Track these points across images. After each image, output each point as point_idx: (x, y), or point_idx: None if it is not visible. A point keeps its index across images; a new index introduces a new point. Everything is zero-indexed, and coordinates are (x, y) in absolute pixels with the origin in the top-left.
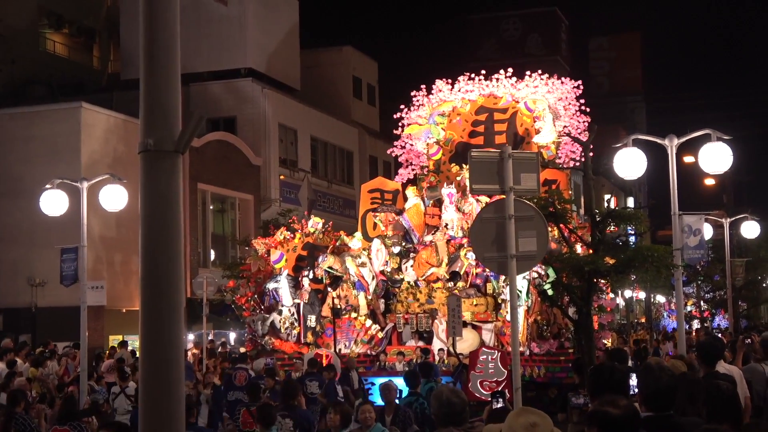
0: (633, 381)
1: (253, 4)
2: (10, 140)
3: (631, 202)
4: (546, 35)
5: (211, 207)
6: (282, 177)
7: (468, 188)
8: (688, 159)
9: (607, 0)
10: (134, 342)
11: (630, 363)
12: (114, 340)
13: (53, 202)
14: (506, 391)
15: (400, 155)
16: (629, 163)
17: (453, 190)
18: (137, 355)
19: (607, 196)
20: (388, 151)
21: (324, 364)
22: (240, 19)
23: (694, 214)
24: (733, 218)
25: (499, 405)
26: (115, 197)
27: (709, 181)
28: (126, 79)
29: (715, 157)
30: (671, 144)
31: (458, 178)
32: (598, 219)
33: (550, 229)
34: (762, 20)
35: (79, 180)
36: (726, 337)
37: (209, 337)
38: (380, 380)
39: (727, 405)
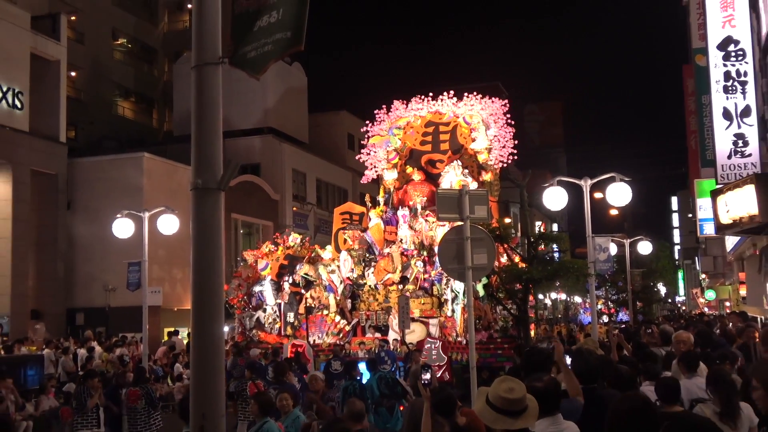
0: (568, 360)
1: (272, 79)
2: (89, 181)
3: (555, 227)
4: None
5: (241, 231)
6: (294, 208)
7: (418, 211)
8: (598, 195)
9: (537, 76)
10: (183, 333)
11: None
12: (167, 331)
13: (122, 228)
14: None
15: (366, 160)
16: (555, 198)
17: (406, 212)
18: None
19: (538, 223)
20: (356, 158)
21: (298, 352)
22: (263, 90)
23: (603, 236)
24: (632, 239)
25: (427, 375)
26: (169, 224)
27: (614, 212)
28: (177, 135)
29: (619, 194)
30: (586, 184)
31: (411, 203)
32: (532, 240)
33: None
34: (658, 87)
35: (142, 211)
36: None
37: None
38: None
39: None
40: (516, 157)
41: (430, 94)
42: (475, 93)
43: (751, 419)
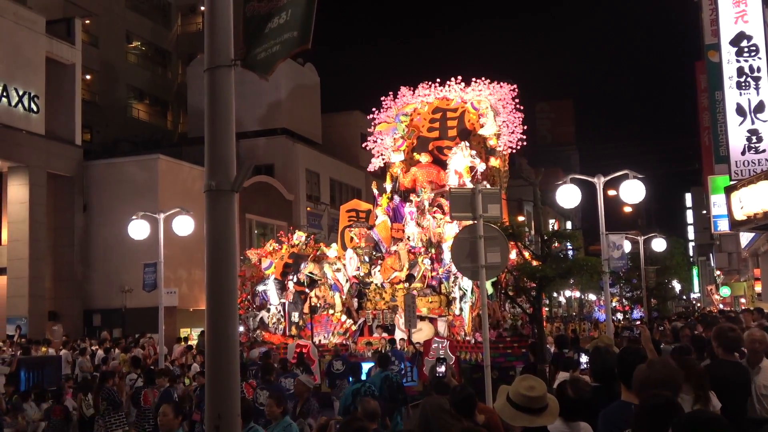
0: (584, 359)
1: (284, 79)
2: (105, 183)
3: (569, 224)
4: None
5: (255, 231)
6: (308, 208)
7: (426, 207)
8: (612, 192)
9: (548, 74)
10: (195, 333)
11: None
12: (183, 332)
13: (138, 229)
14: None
15: (373, 147)
16: (568, 195)
17: (414, 209)
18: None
19: (551, 221)
20: (363, 145)
21: (303, 353)
22: (276, 91)
23: (616, 233)
24: (646, 236)
25: (442, 369)
26: (184, 225)
27: (628, 209)
28: (192, 137)
29: (632, 191)
30: (599, 181)
31: (417, 199)
32: (545, 238)
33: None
34: (670, 83)
35: (157, 213)
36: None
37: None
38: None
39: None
40: (524, 143)
41: (438, 80)
42: (483, 78)
43: (714, 405)
